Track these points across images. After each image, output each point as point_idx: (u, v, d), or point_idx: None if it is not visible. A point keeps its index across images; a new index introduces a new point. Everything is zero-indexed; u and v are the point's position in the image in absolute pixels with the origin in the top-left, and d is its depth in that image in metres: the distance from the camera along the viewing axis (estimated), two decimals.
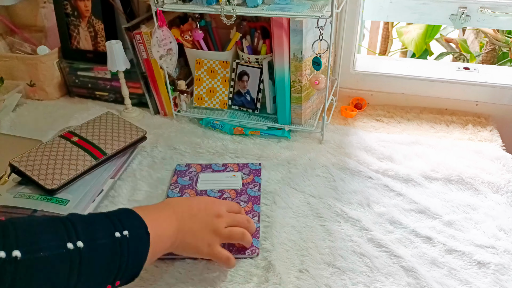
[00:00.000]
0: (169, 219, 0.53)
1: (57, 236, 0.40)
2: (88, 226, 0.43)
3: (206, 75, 0.99)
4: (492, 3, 0.92)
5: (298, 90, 0.89)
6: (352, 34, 1.00)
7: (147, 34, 0.92)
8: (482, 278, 0.62)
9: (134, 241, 0.46)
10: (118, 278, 0.46)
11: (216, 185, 0.79)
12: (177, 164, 0.86)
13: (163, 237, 0.51)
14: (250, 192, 0.77)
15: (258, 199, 0.76)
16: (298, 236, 0.69)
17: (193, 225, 0.56)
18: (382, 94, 1.06)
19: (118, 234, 0.44)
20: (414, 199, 0.76)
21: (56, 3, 1.08)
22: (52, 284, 0.38)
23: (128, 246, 0.45)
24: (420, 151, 0.88)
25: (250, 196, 0.76)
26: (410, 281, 0.61)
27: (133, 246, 0.46)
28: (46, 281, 0.38)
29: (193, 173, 0.83)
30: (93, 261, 0.41)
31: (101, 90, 1.11)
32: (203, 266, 0.64)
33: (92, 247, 0.41)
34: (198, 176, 0.82)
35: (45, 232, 0.40)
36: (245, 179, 0.80)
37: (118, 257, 0.44)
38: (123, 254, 0.45)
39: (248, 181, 0.80)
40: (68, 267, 0.39)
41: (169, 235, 0.52)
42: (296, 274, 0.63)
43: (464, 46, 1.64)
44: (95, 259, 0.42)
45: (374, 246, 0.67)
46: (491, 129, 0.95)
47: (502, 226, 0.70)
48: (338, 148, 0.91)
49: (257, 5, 0.78)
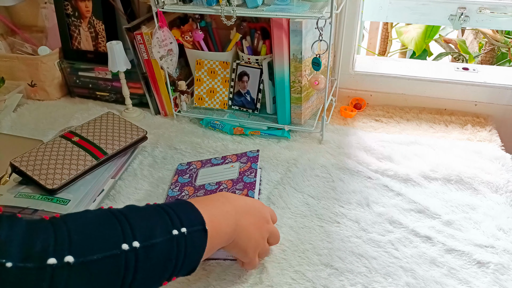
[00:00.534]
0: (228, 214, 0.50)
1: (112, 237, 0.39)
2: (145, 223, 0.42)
3: (206, 76, 0.99)
4: (491, 3, 0.92)
5: (298, 91, 0.90)
6: (351, 35, 1.01)
7: (148, 34, 0.92)
8: (482, 277, 0.62)
9: (192, 238, 0.45)
10: (175, 274, 0.45)
11: (214, 178, 0.79)
12: (179, 164, 0.86)
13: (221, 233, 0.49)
14: (246, 179, 0.76)
15: (253, 185, 0.74)
16: (296, 237, 0.70)
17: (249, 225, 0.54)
18: (381, 94, 1.06)
19: (175, 231, 0.43)
20: (414, 199, 0.76)
21: (57, 4, 1.08)
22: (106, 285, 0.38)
23: (185, 243, 0.44)
24: (419, 151, 0.89)
25: (245, 183, 0.75)
26: (409, 281, 0.62)
27: (190, 244, 0.45)
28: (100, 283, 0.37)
29: (193, 170, 0.83)
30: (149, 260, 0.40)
31: (102, 90, 1.11)
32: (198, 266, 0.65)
33: (148, 246, 0.40)
34: (198, 172, 0.82)
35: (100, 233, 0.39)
36: (242, 168, 0.80)
37: (174, 255, 0.43)
38: (180, 252, 0.43)
39: (245, 169, 0.79)
40: (123, 268, 0.38)
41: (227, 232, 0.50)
42: (292, 275, 0.63)
43: (463, 46, 1.64)
44: (151, 258, 0.40)
45: (373, 246, 0.68)
46: (490, 129, 0.95)
47: (501, 226, 0.70)
48: (337, 148, 0.91)
49: (257, 6, 0.79)
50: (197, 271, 0.63)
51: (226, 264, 0.65)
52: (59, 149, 0.79)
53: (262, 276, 0.63)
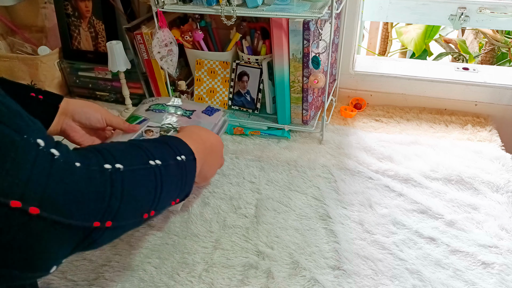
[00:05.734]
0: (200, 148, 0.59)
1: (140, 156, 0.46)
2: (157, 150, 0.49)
3: (206, 76, 0.99)
4: (491, 3, 0.92)
5: (297, 90, 0.89)
6: (351, 35, 1.01)
7: (148, 34, 0.92)
8: (487, 278, 0.62)
9: (188, 165, 0.54)
10: (179, 196, 0.53)
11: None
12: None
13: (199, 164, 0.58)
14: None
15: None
16: (302, 239, 0.69)
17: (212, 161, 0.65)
18: (381, 94, 1.06)
19: (179, 158, 0.52)
20: (415, 199, 0.76)
21: (57, 4, 1.08)
22: (148, 191, 0.44)
23: (185, 167, 0.53)
24: (419, 151, 0.89)
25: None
26: (415, 283, 0.61)
27: (188, 168, 0.54)
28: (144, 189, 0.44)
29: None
30: (169, 176, 0.48)
31: (102, 90, 1.11)
32: (202, 268, 0.65)
33: (165, 165, 0.48)
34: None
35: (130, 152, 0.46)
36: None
37: (181, 175, 0.51)
38: (183, 174, 0.52)
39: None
40: (154, 179, 0.46)
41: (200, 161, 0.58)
42: (300, 280, 0.63)
43: (463, 46, 1.64)
44: (169, 175, 0.48)
45: (378, 248, 0.67)
46: (490, 129, 0.95)
47: (504, 226, 0.70)
48: (337, 149, 0.91)
49: (257, 6, 0.78)
50: (202, 275, 0.64)
51: (231, 271, 0.65)
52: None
53: (268, 282, 0.62)
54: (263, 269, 0.64)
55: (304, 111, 0.92)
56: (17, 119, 0.34)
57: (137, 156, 0.46)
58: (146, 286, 0.62)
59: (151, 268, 0.65)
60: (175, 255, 0.67)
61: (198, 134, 0.64)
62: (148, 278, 0.63)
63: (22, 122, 0.34)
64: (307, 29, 0.79)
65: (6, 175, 0.31)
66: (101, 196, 0.38)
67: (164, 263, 0.66)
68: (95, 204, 0.37)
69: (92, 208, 0.37)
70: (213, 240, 0.70)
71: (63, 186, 0.34)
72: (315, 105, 0.96)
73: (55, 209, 0.33)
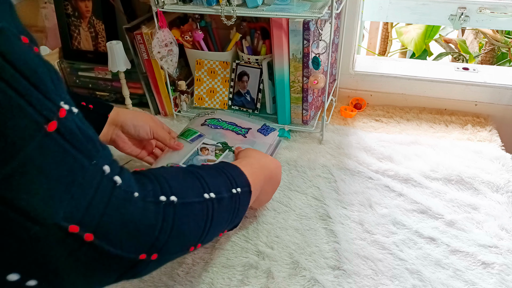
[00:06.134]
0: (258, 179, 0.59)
1: (196, 188, 0.46)
2: (213, 181, 0.49)
3: (206, 76, 0.99)
4: (491, 3, 0.92)
5: (297, 90, 0.89)
6: (351, 35, 1.01)
7: (148, 34, 0.92)
8: (488, 278, 0.62)
9: (242, 197, 0.53)
10: (227, 227, 0.54)
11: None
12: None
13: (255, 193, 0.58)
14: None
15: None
16: (302, 239, 0.69)
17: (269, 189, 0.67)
18: (381, 94, 1.06)
19: (234, 190, 0.51)
20: (415, 199, 0.76)
21: (57, 4, 1.08)
22: (198, 226, 0.44)
23: (239, 201, 0.52)
24: (419, 151, 0.89)
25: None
26: (416, 283, 0.61)
27: (241, 202, 0.53)
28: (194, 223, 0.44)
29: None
30: (220, 210, 0.48)
31: (102, 90, 1.11)
32: (202, 268, 0.65)
33: (219, 199, 0.48)
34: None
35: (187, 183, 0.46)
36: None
37: (233, 209, 0.51)
38: (236, 208, 0.52)
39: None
40: (206, 213, 0.45)
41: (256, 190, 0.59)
42: (300, 280, 0.63)
43: (463, 46, 1.64)
44: (221, 209, 0.48)
45: (378, 248, 0.67)
46: (490, 129, 0.95)
47: (504, 226, 0.70)
48: (337, 149, 0.91)
49: (257, 6, 0.78)
50: (202, 275, 0.64)
51: (231, 271, 0.65)
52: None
53: (267, 282, 0.62)
54: (263, 269, 0.64)
55: (304, 111, 0.92)
56: (89, 144, 0.34)
57: (193, 188, 0.46)
58: (146, 286, 0.62)
59: None
60: None
61: (258, 161, 0.64)
62: (148, 278, 0.63)
63: (94, 148, 0.34)
64: (307, 29, 0.80)
65: (71, 199, 0.31)
66: (152, 230, 0.37)
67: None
68: (144, 237, 0.37)
69: (141, 241, 0.36)
70: (213, 240, 0.70)
71: (119, 215, 0.34)
72: (315, 105, 0.96)
73: (107, 238, 0.33)
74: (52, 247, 0.30)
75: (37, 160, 0.29)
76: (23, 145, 0.28)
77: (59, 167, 0.31)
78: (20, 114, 0.28)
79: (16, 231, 0.29)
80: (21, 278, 0.30)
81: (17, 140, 0.28)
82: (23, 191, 0.28)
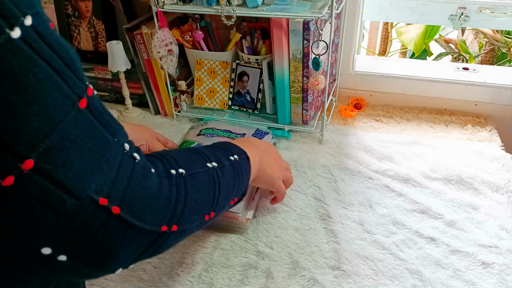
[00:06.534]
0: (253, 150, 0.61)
1: (198, 160, 0.49)
2: (211, 153, 0.52)
3: (206, 76, 0.99)
4: (491, 3, 0.92)
5: (297, 90, 0.89)
6: (351, 35, 1.01)
7: (148, 34, 0.92)
8: (488, 278, 0.62)
9: (242, 164, 0.56)
10: (236, 195, 0.55)
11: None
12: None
13: (254, 164, 0.60)
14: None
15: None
16: (302, 239, 0.69)
17: (270, 159, 0.67)
18: (381, 94, 1.06)
19: (232, 157, 0.54)
20: (415, 199, 0.76)
21: (57, 4, 1.08)
22: (207, 194, 0.46)
23: (239, 166, 0.55)
24: (419, 151, 0.89)
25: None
26: (416, 283, 0.61)
27: (243, 166, 0.56)
28: (204, 191, 0.46)
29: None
30: (225, 177, 0.50)
31: (102, 90, 1.11)
32: (202, 268, 0.65)
33: (221, 167, 0.50)
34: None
35: (190, 157, 0.48)
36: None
37: (236, 174, 0.53)
38: (238, 173, 0.54)
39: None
40: (213, 181, 0.48)
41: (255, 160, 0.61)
42: (299, 279, 0.63)
43: (463, 46, 1.64)
44: (225, 175, 0.51)
45: (378, 248, 0.67)
46: (490, 129, 0.95)
47: (504, 226, 0.70)
48: (337, 149, 0.91)
49: (257, 6, 0.78)
50: (202, 275, 0.64)
51: (230, 271, 0.65)
52: None
53: (267, 282, 0.62)
54: (262, 269, 0.64)
55: (304, 111, 0.92)
56: (112, 122, 0.36)
57: (196, 160, 0.48)
58: (145, 286, 0.62)
59: (151, 268, 0.65)
60: (175, 255, 0.67)
61: (247, 140, 0.68)
62: (147, 278, 0.63)
63: (116, 125, 0.37)
64: (307, 29, 0.80)
65: (101, 173, 0.33)
66: (169, 201, 0.39)
67: (164, 263, 0.66)
68: (163, 209, 0.39)
69: (161, 213, 0.38)
70: (212, 240, 0.70)
71: (140, 189, 0.36)
72: (315, 105, 0.96)
73: (131, 211, 0.35)
74: (85, 219, 0.32)
75: (72, 134, 0.31)
76: (61, 120, 0.30)
77: (91, 141, 0.33)
78: (57, 91, 0.30)
79: (54, 203, 0.30)
80: (53, 252, 0.31)
81: (56, 115, 0.30)
82: (60, 164, 0.30)
